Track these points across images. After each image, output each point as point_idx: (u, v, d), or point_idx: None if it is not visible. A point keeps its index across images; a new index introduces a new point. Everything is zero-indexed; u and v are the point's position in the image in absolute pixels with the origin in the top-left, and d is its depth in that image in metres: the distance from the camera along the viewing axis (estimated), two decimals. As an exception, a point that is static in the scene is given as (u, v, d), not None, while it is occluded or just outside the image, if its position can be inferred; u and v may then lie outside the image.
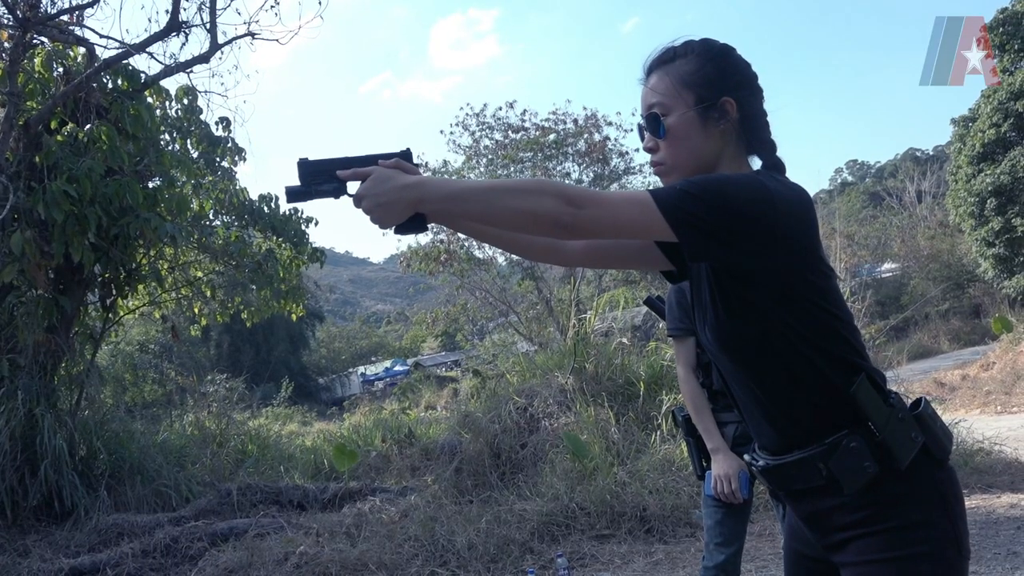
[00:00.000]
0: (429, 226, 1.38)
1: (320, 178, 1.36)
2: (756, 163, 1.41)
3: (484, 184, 1.25)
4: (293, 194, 1.38)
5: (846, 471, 1.23)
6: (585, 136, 14.98)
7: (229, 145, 8.10)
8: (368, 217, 1.27)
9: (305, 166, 1.37)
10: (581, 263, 1.59)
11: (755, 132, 1.38)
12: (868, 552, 1.23)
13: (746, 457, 1.47)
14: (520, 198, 1.19)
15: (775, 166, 1.38)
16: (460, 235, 14.16)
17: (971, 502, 5.23)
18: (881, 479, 1.23)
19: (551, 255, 1.55)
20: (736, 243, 1.18)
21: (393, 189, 1.24)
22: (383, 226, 1.28)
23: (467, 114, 15.24)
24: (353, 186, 1.34)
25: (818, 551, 1.37)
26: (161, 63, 6.64)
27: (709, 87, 1.34)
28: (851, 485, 1.23)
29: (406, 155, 1.37)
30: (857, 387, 1.24)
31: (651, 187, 1.30)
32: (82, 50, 6.50)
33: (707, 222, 1.16)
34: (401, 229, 1.32)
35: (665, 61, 1.39)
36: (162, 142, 7.47)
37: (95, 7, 6.43)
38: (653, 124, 1.38)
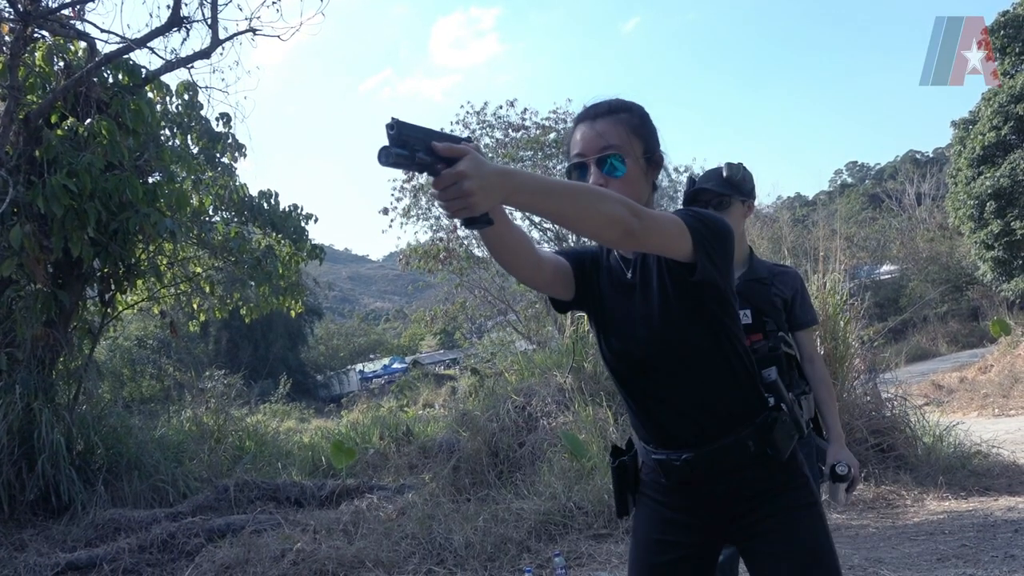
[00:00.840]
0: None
1: (417, 145, 1.18)
2: None
3: (570, 184, 1.32)
4: (397, 156, 1.16)
5: (782, 440, 1.54)
6: (586, 135, 14.98)
7: (229, 141, 8.11)
8: (457, 200, 1.16)
9: (402, 128, 1.17)
10: (546, 289, 1.62)
11: (655, 186, 1.63)
12: (788, 502, 1.54)
13: (657, 457, 1.59)
14: (605, 203, 1.29)
15: None
16: (460, 233, 14.16)
17: (968, 504, 5.24)
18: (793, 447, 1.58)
19: (534, 277, 1.53)
20: (721, 266, 1.47)
21: (494, 174, 1.18)
22: (472, 212, 1.19)
23: (467, 112, 15.22)
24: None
25: (696, 538, 1.60)
26: (162, 58, 6.64)
27: (650, 141, 1.57)
28: (785, 451, 1.55)
29: (470, 142, 1.26)
30: (777, 375, 1.62)
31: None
32: (83, 44, 6.49)
33: (714, 250, 1.44)
34: (473, 222, 1.23)
35: (614, 111, 1.56)
36: (162, 137, 7.47)
37: (96, 1, 6.43)
38: (611, 163, 1.52)
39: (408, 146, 1.17)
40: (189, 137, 7.87)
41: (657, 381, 1.56)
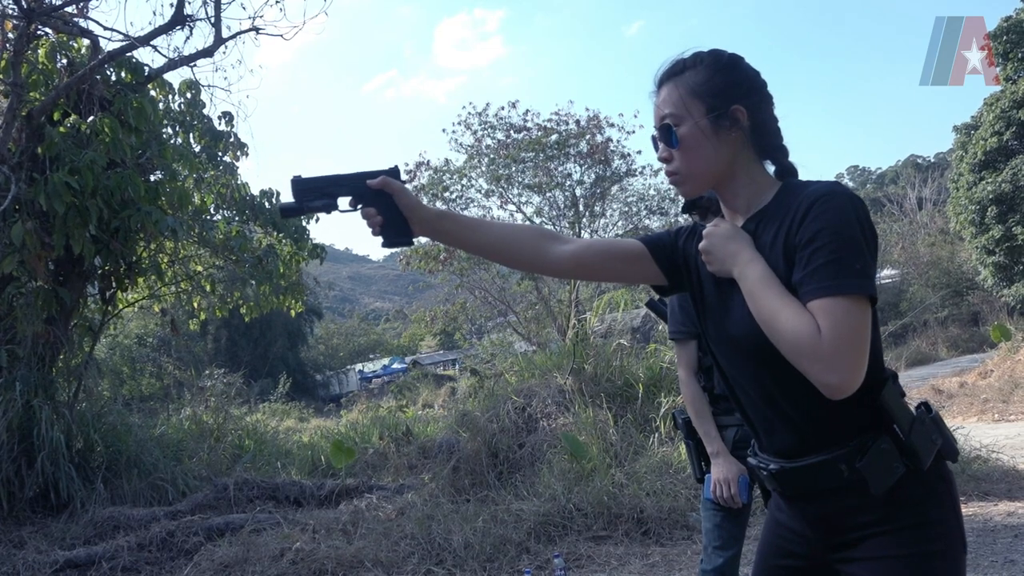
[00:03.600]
0: None
1: (311, 195, 1.49)
2: (770, 168, 1.42)
3: (777, 302, 1.23)
4: (287, 210, 1.52)
5: (877, 472, 1.26)
6: (587, 137, 14.95)
7: (231, 140, 8.10)
8: (711, 257, 1.37)
9: (298, 183, 1.48)
10: (568, 275, 1.61)
11: (767, 138, 1.40)
12: (886, 548, 1.26)
13: (751, 461, 1.46)
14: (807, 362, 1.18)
15: (788, 170, 1.41)
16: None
17: (968, 509, 5.22)
18: (903, 479, 1.27)
19: (538, 267, 1.57)
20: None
21: (729, 257, 1.33)
22: (713, 267, 1.38)
23: (469, 113, 15.21)
24: (343, 202, 1.50)
25: (811, 550, 1.40)
26: (165, 56, 6.65)
27: (719, 97, 1.36)
28: (880, 486, 1.26)
29: (394, 172, 1.49)
30: (886, 391, 1.28)
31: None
32: (86, 42, 6.50)
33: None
34: (392, 242, 1.52)
35: (675, 73, 1.41)
36: (164, 135, 7.47)
37: (100, -1, 6.43)
38: (665, 134, 1.40)
39: (300, 197, 1.49)
40: (191, 135, 7.87)
41: (746, 377, 1.38)
